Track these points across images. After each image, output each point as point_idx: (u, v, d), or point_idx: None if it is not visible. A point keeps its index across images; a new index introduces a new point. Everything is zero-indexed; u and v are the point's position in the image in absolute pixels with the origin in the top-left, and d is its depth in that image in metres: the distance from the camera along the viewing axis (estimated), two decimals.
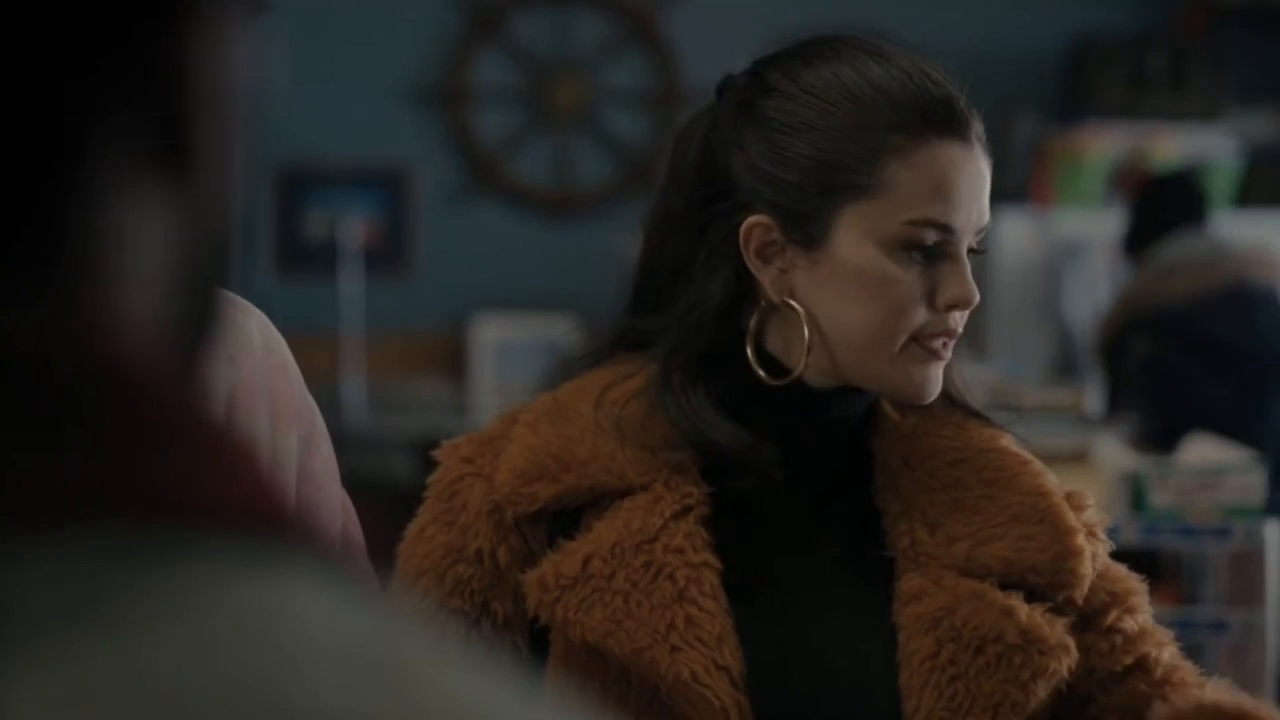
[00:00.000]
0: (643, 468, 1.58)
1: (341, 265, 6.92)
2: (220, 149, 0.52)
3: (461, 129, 7.13)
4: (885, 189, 1.56)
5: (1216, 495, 3.20)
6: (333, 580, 0.47)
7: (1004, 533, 1.61)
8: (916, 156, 1.56)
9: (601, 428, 1.60)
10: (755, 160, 1.60)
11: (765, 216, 1.59)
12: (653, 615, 1.53)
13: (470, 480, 1.62)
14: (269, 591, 0.46)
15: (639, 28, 7.14)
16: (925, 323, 1.57)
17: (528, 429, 1.62)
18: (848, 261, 1.57)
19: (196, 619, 0.44)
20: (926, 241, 1.56)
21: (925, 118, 1.58)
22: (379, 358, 6.92)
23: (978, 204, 1.58)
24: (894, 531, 1.62)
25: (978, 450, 1.65)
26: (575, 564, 1.56)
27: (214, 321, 0.54)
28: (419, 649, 0.46)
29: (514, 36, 7.15)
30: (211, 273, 0.54)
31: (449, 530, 1.61)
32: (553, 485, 1.58)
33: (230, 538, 0.46)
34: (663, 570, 1.55)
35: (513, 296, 6.99)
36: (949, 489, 1.63)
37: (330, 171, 7.04)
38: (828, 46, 1.69)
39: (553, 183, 7.15)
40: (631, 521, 1.57)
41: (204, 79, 0.51)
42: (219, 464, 0.48)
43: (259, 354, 1.48)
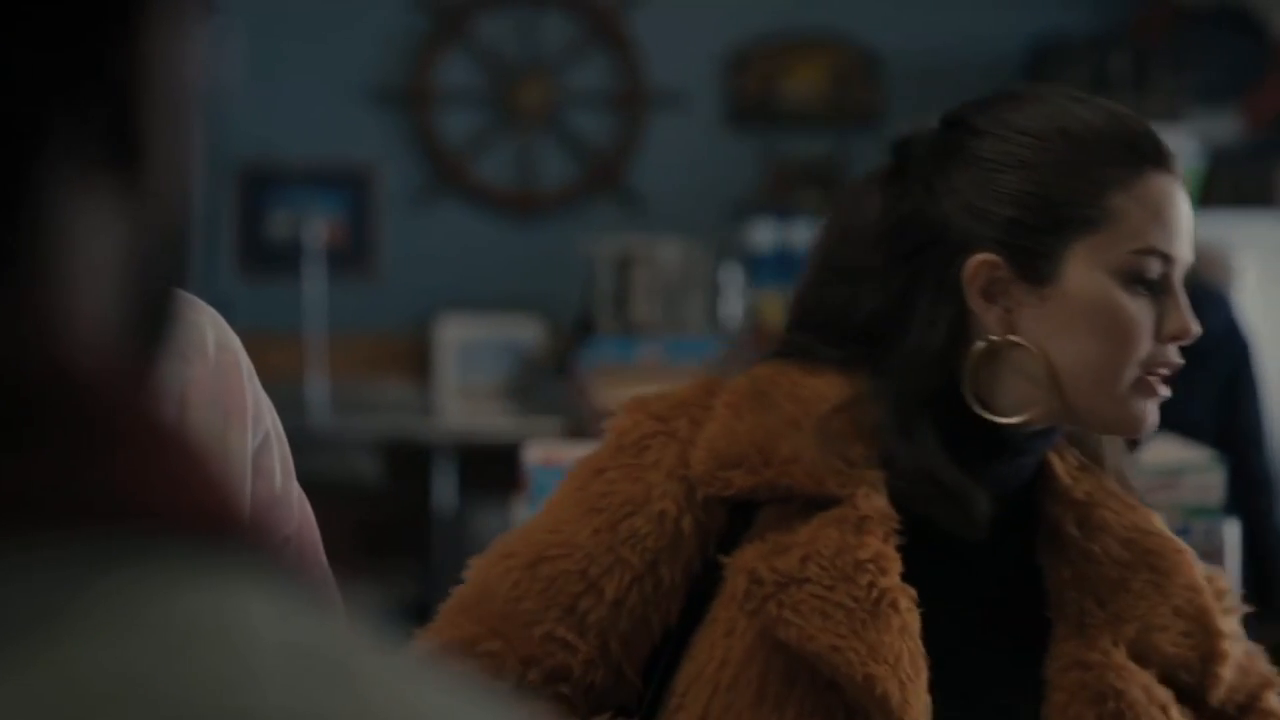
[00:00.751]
0: (840, 479, 1.58)
1: (305, 265, 6.90)
2: (174, 149, 0.52)
3: (425, 129, 7.12)
4: (1112, 220, 1.58)
5: (1176, 495, 3.21)
6: (285, 585, 0.47)
7: (1168, 625, 1.63)
8: (1137, 188, 1.58)
9: (798, 427, 1.59)
10: (971, 200, 1.61)
11: (991, 255, 1.59)
12: (881, 642, 1.53)
13: (664, 440, 1.61)
14: (220, 597, 0.45)
15: (603, 28, 7.14)
16: (1150, 355, 1.59)
17: (730, 411, 1.61)
18: (1080, 295, 1.58)
19: (147, 626, 0.44)
20: (1152, 272, 1.58)
21: (1139, 151, 1.59)
22: (343, 358, 6.91)
23: (1188, 237, 1.60)
24: (1061, 596, 1.63)
25: (1143, 532, 1.66)
26: (792, 563, 1.56)
27: (169, 323, 0.54)
28: (370, 653, 0.46)
29: (478, 37, 7.15)
30: (166, 274, 0.53)
31: (633, 483, 1.60)
32: (751, 476, 1.58)
33: (181, 543, 0.46)
34: (886, 597, 1.55)
35: (476, 297, 6.99)
36: (1119, 566, 1.64)
37: (294, 172, 7.03)
38: (1027, 92, 1.70)
39: (516, 183, 7.15)
40: (846, 535, 1.56)
41: (157, 79, 0.51)
42: (171, 468, 0.47)
43: (212, 353, 1.47)
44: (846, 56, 7.23)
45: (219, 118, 6.61)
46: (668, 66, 7.12)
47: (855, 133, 7.16)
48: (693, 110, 7.11)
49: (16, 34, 0.48)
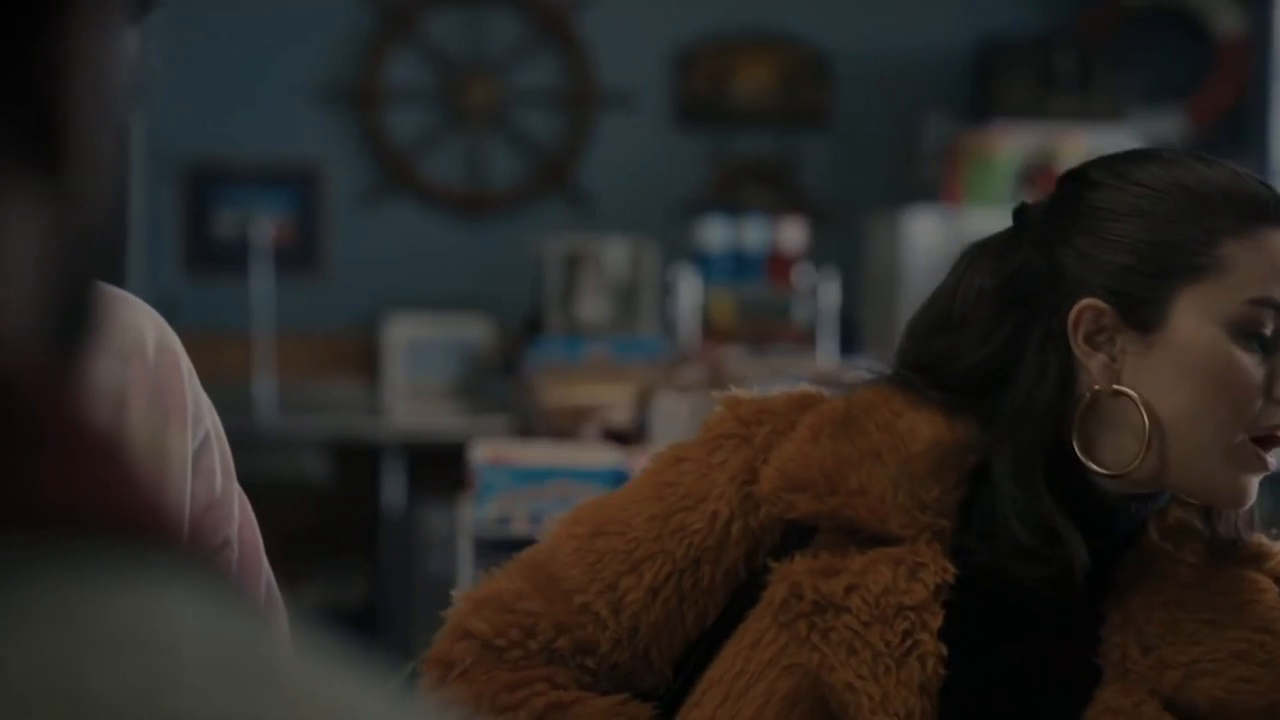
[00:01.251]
0: (906, 520, 1.56)
1: (252, 265, 6.88)
2: (97, 148, 0.51)
3: (373, 128, 7.10)
4: (1224, 269, 1.54)
5: None
6: (209, 587, 0.46)
7: (1222, 670, 1.57)
8: (1253, 239, 1.54)
9: (879, 458, 1.57)
10: (1084, 249, 1.58)
11: (1097, 300, 1.56)
12: (897, 694, 1.52)
13: (738, 444, 1.61)
14: (147, 600, 0.45)
15: (551, 27, 7.14)
16: (1260, 414, 1.53)
17: (810, 432, 1.59)
18: (1188, 344, 1.54)
19: (71, 628, 0.43)
20: (1265, 324, 1.53)
21: (1256, 206, 1.55)
22: (290, 358, 6.89)
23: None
24: (1109, 641, 1.58)
25: (1210, 574, 1.60)
26: (836, 589, 1.55)
27: (93, 322, 0.53)
28: (300, 657, 0.46)
29: (426, 36, 7.13)
30: (89, 272, 0.53)
31: (696, 478, 1.61)
32: (814, 502, 1.57)
33: (107, 545, 0.45)
34: (916, 649, 1.53)
35: (425, 296, 6.98)
36: (1170, 606, 1.58)
37: (241, 170, 7.01)
38: (1150, 150, 1.65)
39: (465, 182, 7.14)
40: (898, 577, 1.55)
41: (80, 78, 0.50)
42: (96, 469, 0.47)
43: (152, 353, 1.47)
44: (795, 56, 7.24)
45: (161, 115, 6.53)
46: (616, 66, 7.12)
47: (804, 131, 7.18)
48: (641, 109, 7.11)
49: None
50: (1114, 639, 1.58)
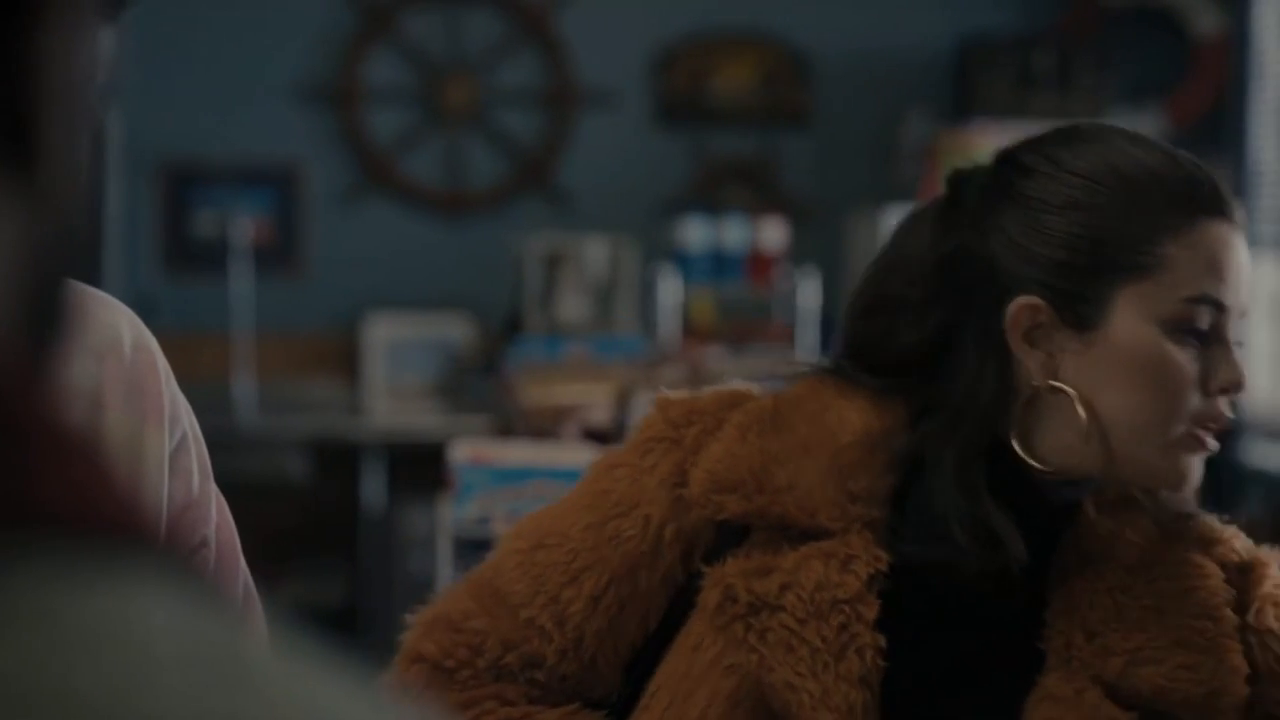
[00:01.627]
0: (835, 512, 1.56)
1: (232, 264, 6.87)
2: (70, 148, 0.51)
3: (353, 127, 7.10)
4: (1164, 268, 1.53)
5: None
6: (183, 586, 0.46)
7: (1164, 657, 1.56)
8: (1192, 235, 1.53)
9: (809, 452, 1.57)
10: (1018, 239, 1.56)
11: (1034, 298, 1.55)
12: (836, 687, 1.51)
13: (668, 446, 1.61)
14: (114, 599, 0.45)
15: (530, 27, 7.14)
16: (1199, 408, 1.54)
17: (737, 431, 1.59)
18: (1126, 343, 1.54)
19: (45, 627, 0.43)
20: (1203, 321, 1.53)
21: (1195, 197, 1.54)
22: (270, 357, 6.88)
23: (1243, 286, 1.56)
24: (1052, 627, 1.57)
25: (1154, 560, 1.59)
26: (771, 588, 1.54)
27: (64, 322, 0.53)
28: (275, 656, 0.46)
29: (405, 35, 7.13)
30: (63, 272, 0.53)
31: (630, 484, 1.61)
32: (743, 502, 1.57)
33: (77, 544, 0.45)
34: (853, 642, 1.53)
35: (405, 296, 6.97)
36: (1114, 592, 1.57)
37: (220, 170, 6.99)
38: (1085, 129, 1.62)
39: (444, 182, 7.14)
40: (830, 571, 1.54)
41: (53, 77, 0.50)
42: (67, 468, 0.47)
43: (128, 353, 1.46)
44: (775, 55, 7.24)
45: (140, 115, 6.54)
46: (596, 65, 7.12)
47: (784, 131, 7.18)
48: (621, 108, 7.11)
49: None
50: (1057, 625, 1.57)
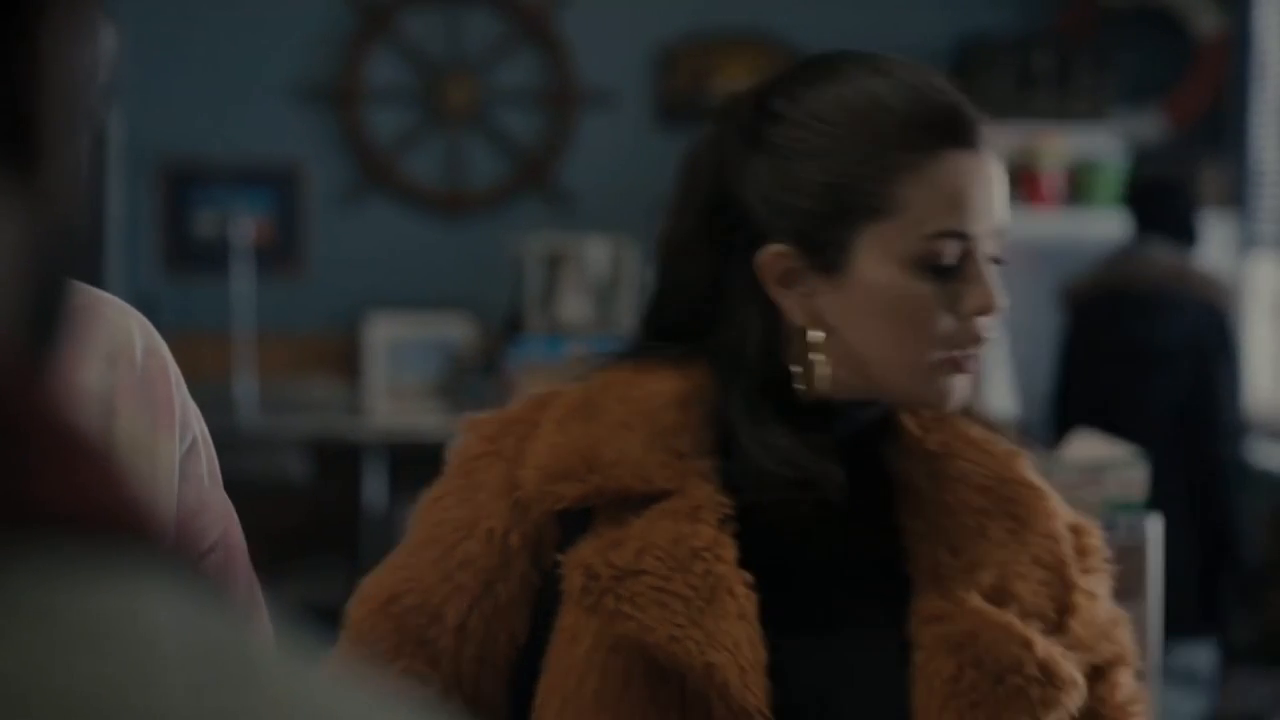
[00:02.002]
0: (669, 472, 1.58)
1: (232, 264, 6.87)
2: (70, 148, 0.51)
3: (353, 127, 7.10)
4: (901, 207, 1.56)
5: (1100, 490, 3.24)
6: (187, 585, 0.46)
7: (1027, 573, 1.62)
8: (928, 171, 1.56)
9: (628, 427, 1.60)
10: (767, 190, 1.60)
11: (783, 246, 1.59)
12: (719, 629, 1.53)
13: (490, 460, 1.62)
14: (118, 597, 0.45)
15: (530, 27, 7.14)
16: (953, 333, 1.57)
17: (555, 425, 1.61)
18: (870, 283, 1.57)
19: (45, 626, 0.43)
20: (947, 255, 1.57)
21: (932, 130, 1.57)
22: (271, 357, 6.88)
23: (993, 209, 1.59)
24: (916, 550, 1.62)
25: (1001, 479, 1.65)
26: (627, 556, 1.55)
27: (66, 322, 0.53)
28: (279, 654, 0.46)
29: (405, 35, 7.13)
30: (63, 272, 0.52)
31: (463, 506, 1.62)
32: (578, 486, 1.58)
33: (78, 541, 0.45)
34: (722, 582, 1.54)
35: (405, 296, 6.97)
36: (975, 515, 1.63)
37: (221, 169, 6.99)
38: (828, 66, 1.63)
39: (445, 182, 7.13)
40: (680, 525, 1.56)
41: (53, 78, 0.50)
42: (70, 467, 0.47)
43: (139, 356, 1.47)
44: (774, 55, 7.24)
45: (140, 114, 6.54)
46: (596, 65, 7.12)
47: None
48: (621, 108, 7.11)
49: None
50: (921, 547, 1.62)
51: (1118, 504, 3.24)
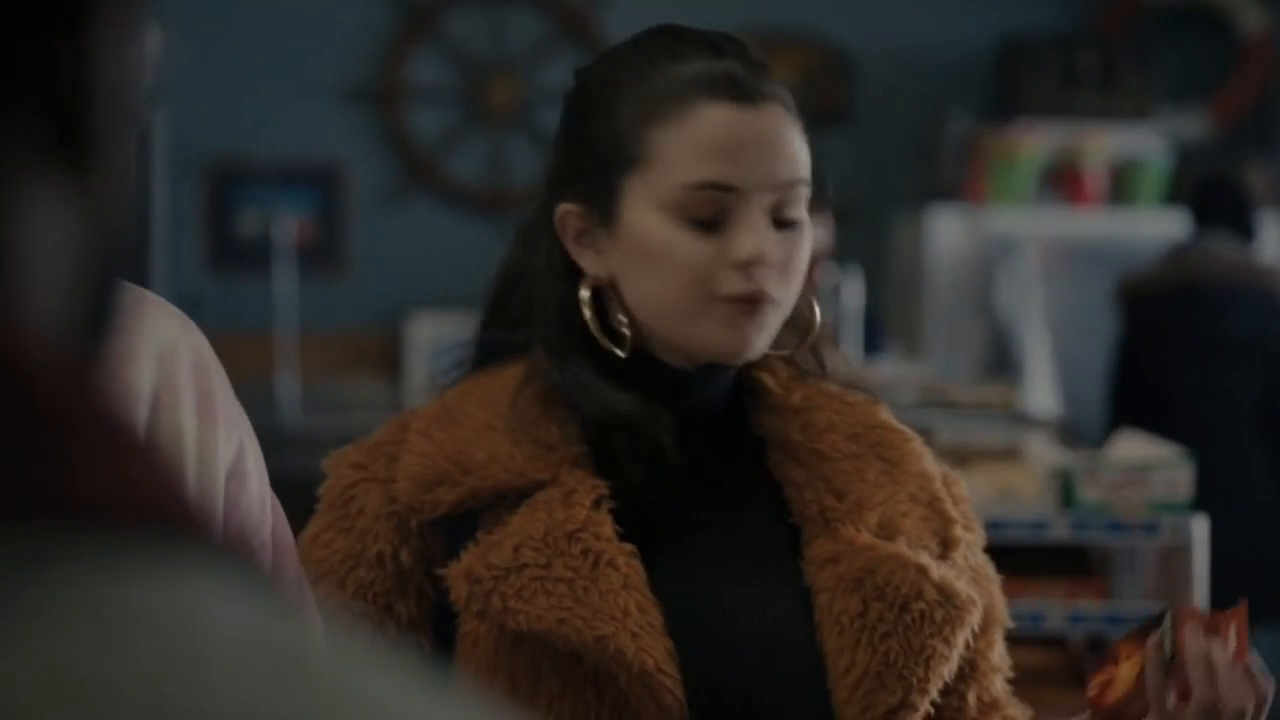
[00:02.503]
0: (541, 464, 1.60)
1: (275, 263, 6.89)
2: (120, 147, 0.52)
3: (396, 127, 7.11)
4: (657, 156, 1.59)
5: (1144, 491, 3.22)
6: (238, 578, 0.47)
7: (907, 510, 1.66)
8: (687, 121, 1.59)
9: (493, 428, 1.62)
10: (558, 149, 1.68)
11: (571, 204, 1.64)
12: (604, 602, 1.55)
13: (365, 485, 1.63)
14: (171, 590, 0.45)
15: (573, 26, 7.14)
16: (723, 283, 1.58)
17: (421, 436, 1.63)
18: (635, 233, 1.60)
19: (99, 619, 0.44)
20: (707, 203, 1.58)
21: (696, 84, 1.60)
22: (313, 356, 6.90)
23: (768, 163, 1.60)
24: (800, 500, 1.65)
25: (869, 427, 1.69)
26: (505, 554, 1.57)
27: (114, 320, 0.54)
28: (325, 646, 0.46)
29: (448, 35, 7.14)
30: (112, 270, 0.53)
31: (347, 535, 1.62)
32: (454, 490, 1.60)
33: (131, 536, 0.46)
34: (602, 557, 1.56)
35: (447, 295, 6.98)
36: (850, 460, 1.66)
37: (264, 169, 7.01)
38: (634, 36, 1.71)
39: (487, 181, 7.14)
40: (554, 512, 1.58)
41: (104, 78, 0.51)
42: (121, 462, 0.47)
43: (183, 353, 1.47)
44: (816, 54, 7.23)
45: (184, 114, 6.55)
46: None
47: (825, 130, 7.16)
48: None
49: None
50: (805, 496, 1.65)
51: (1163, 504, 3.23)
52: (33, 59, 0.49)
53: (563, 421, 1.62)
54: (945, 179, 6.83)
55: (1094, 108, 6.84)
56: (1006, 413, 4.24)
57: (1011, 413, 4.28)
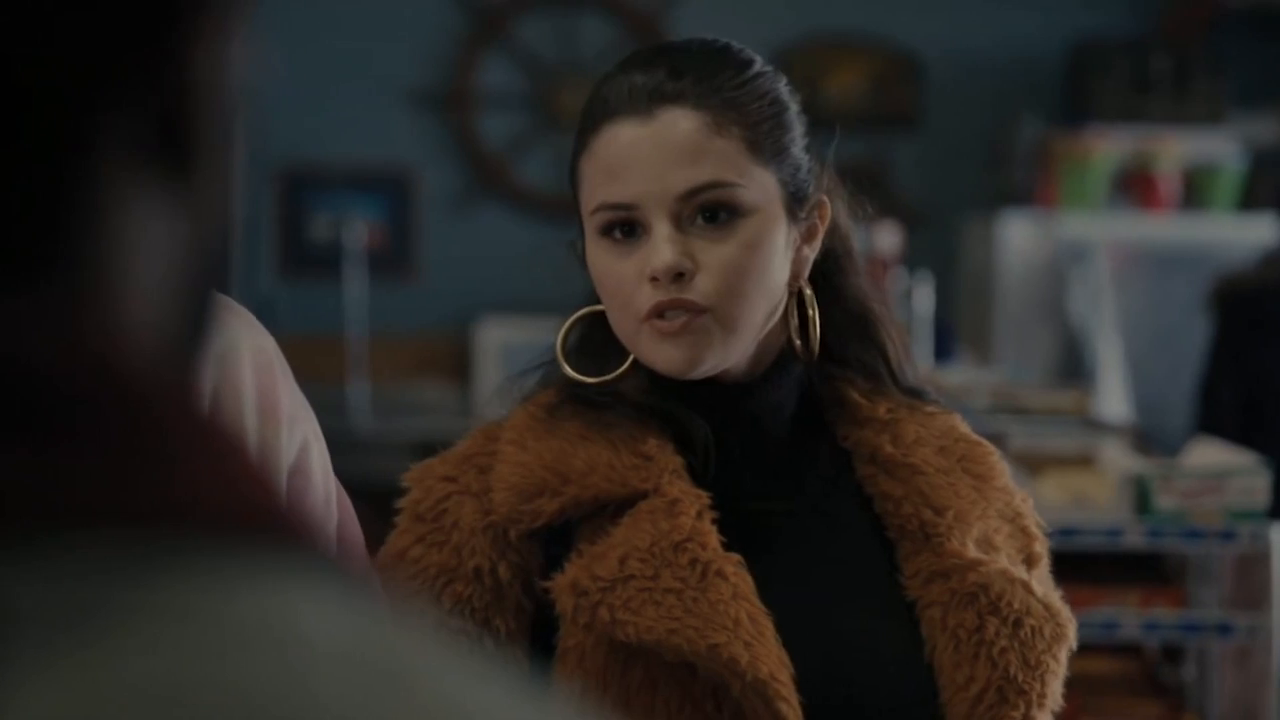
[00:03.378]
0: (643, 474, 1.59)
1: (346, 268, 6.92)
2: (220, 152, 0.52)
3: (466, 132, 7.13)
4: (581, 185, 1.65)
5: (1221, 498, 3.19)
6: (337, 585, 0.47)
7: (997, 526, 1.67)
8: (594, 146, 1.63)
9: (587, 437, 1.62)
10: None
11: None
12: (715, 612, 1.54)
13: (458, 499, 1.62)
14: (271, 597, 0.45)
15: (642, 30, 7.14)
16: (642, 299, 1.60)
17: (514, 446, 1.62)
18: (590, 262, 1.66)
19: (196, 626, 0.44)
20: (613, 225, 1.61)
21: (602, 106, 1.63)
22: (383, 360, 6.92)
23: (662, 175, 1.59)
24: (899, 514, 1.64)
25: (952, 439, 1.70)
26: (611, 565, 1.56)
27: (210, 324, 0.54)
28: (423, 653, 0.46)
29: (518, 39, 7.15)
30: (210, 275, 0.54)
31: (440, 550, 1.60)
32: (555, 499, 1.59)
33: (233, 543, 0.46)
34: (710, 567, 1.55)
35: (517, 299, 6.99)
36: (942, 474, 1.66)
37: (335, 174, 7.05)
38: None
39: (556, 186, 7.15)
40: (659, 522, 1.57)
41: (205, 81, 0.51)
42: (222, 469, 0.47)
43: (245, 352, 1.47)
44: (886, 58, 7.21)
45: (258, 119, 6.58)
46: None
47: (895, 135, 7.14)
48: None
49: (74, 37, 0.48)
50: (904, 510, 1.64)
51: (1240, 512, 3.20)
52: (138, 64, 0.50)
53: (659, 432, 1.62)
54: (1016, 184, 6.80)
55: (1166, 112, 6.79)
56: (1080, 419, 4.21)
57: (1085, 419, 4.25)
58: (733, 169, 1.60)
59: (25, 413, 0.46)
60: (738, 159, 1.60)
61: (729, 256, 1.59)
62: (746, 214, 1.60)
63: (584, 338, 1.69)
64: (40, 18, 0.48)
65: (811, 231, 1.67)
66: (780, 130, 1.65)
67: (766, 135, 1.63)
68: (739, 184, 1.60)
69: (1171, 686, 3.31)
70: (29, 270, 0.48)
